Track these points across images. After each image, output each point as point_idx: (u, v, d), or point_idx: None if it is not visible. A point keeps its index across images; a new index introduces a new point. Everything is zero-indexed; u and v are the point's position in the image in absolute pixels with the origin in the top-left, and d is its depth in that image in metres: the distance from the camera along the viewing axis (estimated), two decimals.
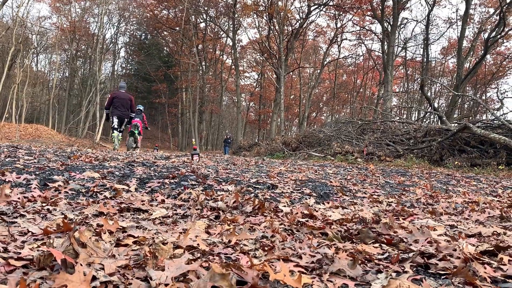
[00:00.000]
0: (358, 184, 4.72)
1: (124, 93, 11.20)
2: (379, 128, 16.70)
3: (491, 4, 28.05)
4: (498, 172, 9.47)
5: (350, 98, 44.38)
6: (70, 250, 1.23)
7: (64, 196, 2.64)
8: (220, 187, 3.58)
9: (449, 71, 37.81)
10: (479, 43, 26.87)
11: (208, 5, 35.30)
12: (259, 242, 1.78)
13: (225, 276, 1.09)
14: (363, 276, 1.38)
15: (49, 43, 41.48)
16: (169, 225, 2.06)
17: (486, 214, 2.90)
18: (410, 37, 35.99)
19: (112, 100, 11.04)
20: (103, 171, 3.92)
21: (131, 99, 11.16)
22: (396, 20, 25.54)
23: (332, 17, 33.64)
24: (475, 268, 1.47)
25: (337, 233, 1.93)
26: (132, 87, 47.64)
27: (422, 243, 1.81)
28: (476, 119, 16.81)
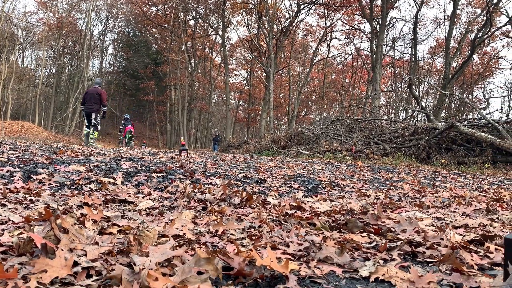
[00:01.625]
0: (346, 180, 4.73)
1: (94, 88, 11.14)
2: (367, 127, 16.80)
3: (478, 4, 28.36)
4: (484, 170, 9.58)
5: (339, 97, 44.55)
6: (51, 236, 1.20)
7: (48, 188, 2.59)
8: (208, 181, 3.55)
9: (437, 71, 38.19)
10: (466, 43, 27.17)
11: (197, 2, 35.11)
12: (246, 232, 1.76)
13: (211, 260, 1.07)
14: (351, 263, 1.37)
15: (35, 39, 40.91)
16: (155, 215, 2.03)
17: (473, 207, 2.91)
18: (398, 36, 36.20)
19: (84, 96, 11.04)
20: (89, 165, 3.86)
21: (100, 93, 11.01)
22: (385, 19, 25.71)
23: (321, 16, 33.74)
24: (462, 256, 1.47)
25: (325, 223, 1.92)
26: (120, 84, 47.26)
27: (410, 232, 1.81)
28: (462, 118, 17.00)
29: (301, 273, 1.23)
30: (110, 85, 47.31)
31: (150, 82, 42.76)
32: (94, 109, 10.77)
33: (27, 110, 43.73)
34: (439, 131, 11.83)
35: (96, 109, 10.84)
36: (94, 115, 10.76)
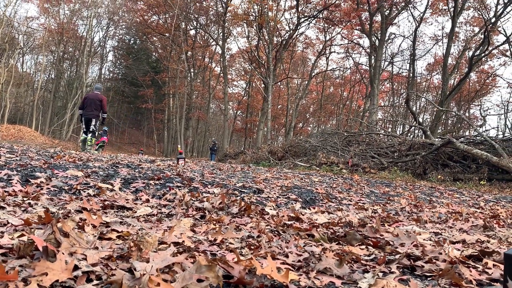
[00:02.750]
0: (343, 192, 4.73)
1: (95, 94, 11.03)
2: (364, 141, 16.85)
3: (476, 23, 28.70)
4: (479, 187, 9.61)
5: (336, 110, 44.73)
6: (52, 240, 1.19)
7: (47, 192, 2.58)
8: (206, 189, 3.55)
9: (434, 87, 38.46)
10: (464, 60, 27.43)
11: (198, 12, 35.38)
12: (245, 241, 1.75)
13: (212, 267, 1.07)
14: (350, 275, 1.37)
15: (35, 44, 40.98)
16: (154, 222, 2.03)
17: (470, 223, 2.92)
18: (397, 52, 36.65)
19: (83, 101, 10.96)
20: (87, 171, 3.86)
21: (101, 99, 10.93)
22: (384, 35, 25.96)
23: (321, 29, 34.02)
24: (460, 271, 1.47)
25: (324, 235, 1.92)
26: (119, 91, 47.34)
27: (408, 246, 1.81)
28: (459, 135, 17.08)
29: (301, 283, 1.23)
30: (108, 91, 47.36)
31: (149, 90, 42.85)
32: (94, 115, 10.66)
33: (25, 115, 43.65)
34: (436, 147, 11.88)
35: (97, 115, 10.73)
36: (94, 121, 10.65)
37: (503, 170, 10.24)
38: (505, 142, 12.05)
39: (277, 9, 30.55)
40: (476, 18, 28.43)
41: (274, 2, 30.45)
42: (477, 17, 27.82)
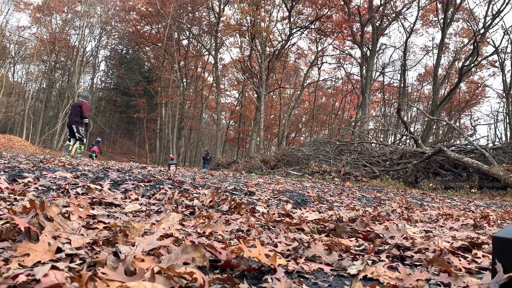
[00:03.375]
0: (335, 196, 4.73)
1: (78, 101, 11.20)
2: (356, 149, 16.91)
3: (466, 34, 29.10)
4: (470, 195, 9.65)
5: (328, 119, 44.90)
6: (36, 224, 1.17)
7: (34, 190, 2.54)
8: (197, 191, 3.52)
9: (425, 97, 38.82)
10: (454, 71, 27.76)
11: (191, 22, 35.53)
12: (234, 234, 1.74)
13: (198, 247, 1.05)
14: (339, 262, 1.35)
15: (27, 54, 40.81)
16: (143, 217, 2.00)
17: (460, 222, 2.92)
18: (388, 62, 36.85)
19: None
20: (76, 173, 3.81)
21: (80, 105, 11.03)
22: (375, 45, 26.21)
23: (313, 40, 34.29)
24: (450, 260, 1.47)
25: (314, 228, 1.91)
26: (111, 100, 47.17)
27: (398, 239, 1.81)
28: (450, 143, 17.21)
29: (289, 268, 1.22)
30: (100, 101, 47.20)
31: (141, 99, 42.73)
32: (74, 121, 10.78)
33: (15, 124, 43.29)
34: (427, 156, 11.94)
35: (77, 122, 10.82)
36: (75, 128, 10.77)
37: (493, 178, 10.31)
38: (495, 150, 12.17)
39: (269, 20, 30.79)
40: (465, 29, 28.85)
41: (266, 13, 30.71)
42: (466, 29, 28.23)
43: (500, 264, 1.13)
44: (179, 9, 33.41)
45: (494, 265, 1.15)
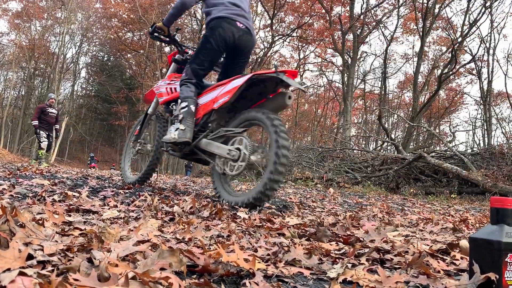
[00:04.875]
0: (317, 202, 4.74)
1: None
2: (338, 156, 17.02)
3: (444, 43, 29.74)
4: (450, 200, 9.79)
5: (311, 126, 45.20)
6: (6, 230, 1.13)
7: (9, 198, 2.48)
8: (178, 198, 3.48)
9: (405, 104, 39.42)
10: (433, 78, 28.30)
11: (173, 29, 35.39)
12: (214, 239, 1.72)
13: (174, 252, 1.03)
14: (319, 265, 1.35)
15: (5, 60, 40.09)
16: (121, 224, 1.96)
17: (440, 226, 2.96)
18: (369, 70, 37.41)
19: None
20: (54, 181, 3.74)
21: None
22: (356, 53, 26.58)
23: (295, 48, 34.60)
24: (429, 262, 1.48)
25: (294, 233, 1.90)
26: (92, 108, 46.59)
27: (379, 242, 1.81)
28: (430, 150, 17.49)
29: (268, 272, 1.20)
30: (81, 108, 46.58)
31: (123, 107, 42.30)
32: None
33: None
34: (408, 162, 12.09)
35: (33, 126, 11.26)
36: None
37: (472, 183, 10.48)
38: (473, 156, 12.39)
39: None
40: (444, 38, 29.49)
41: None
42: (444, 37, 28.86)
43: (477, 265, 1.14)
44: (161, 17, 33.29)
45: (471, 266, 1.16)
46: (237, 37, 3.43)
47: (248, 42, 3.55)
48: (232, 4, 3.49)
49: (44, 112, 11.21)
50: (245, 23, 3.51)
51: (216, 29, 3.41)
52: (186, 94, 3.49)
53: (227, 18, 3.41)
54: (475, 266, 1.14)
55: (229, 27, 3.40)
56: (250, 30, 3.56)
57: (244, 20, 3.50)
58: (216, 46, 3.45)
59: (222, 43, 3.43)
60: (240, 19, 3.47)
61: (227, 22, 3.40)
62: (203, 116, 3.51)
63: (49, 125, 11.33)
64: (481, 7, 20.45)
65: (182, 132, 3.38)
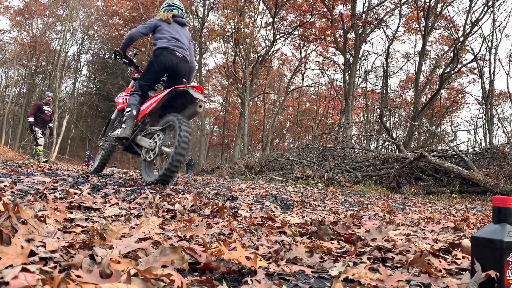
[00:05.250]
0: (318, 200, 4.74)
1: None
2: (339, 155, 17.01)
3: (446, 42, 29.69)
4: (451, 200, 9.79)
5: (312, 125, 45.15)
6: (8, 227, 1.13)
7: (10, 195, 2.48)
8: (179, 195, 3.48)
9: (407, 104, 39.38)
10: (435, 78, 28.25)
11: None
12: (215, 237, 1.72)
13: (176, 249, 1.03)
14: (320, 264, 1.35)
15: (7, 57, 40.10)
16: (122, 221, 1.96)
17: (441, 225, 2.95)
18: (370, 69, 37.33)
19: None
20: (55, 178, 3.74)
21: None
22: (358, 52, 26.54)
23: (296, 46, 34.54)
24: (430, 261, 1.47)
25: (296, 231, 1.90)
26: (93, 106, 46.58)
27: (380, 241, 1.81)
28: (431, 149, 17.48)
29: (269, 270, 1.21)
30: (82, 106, 46.60)
31: None
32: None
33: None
34: (409, 161, 12.08)
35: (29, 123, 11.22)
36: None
37: (473, 183, 10.47)
38: (475, 156, 12.37)
39: (253, 26, 30.92)
40: (445, 37, 29.44)
41: (250, 19, 30.85)
42: (446, 36, 28.81)
43: (478, 264, 1.14)
44: None
45: (473, 265, 1.16)
46: (175, 63, 4.45)
47: (184, 67, 4.56)
48: (173, 38, 4.50)
49: (40, 110, 11.23)
50: (183, 53, 4.53)
51: (159, 56, 4.43)
52: (131, 102, 4.53)
53: (168, 49, 4.42)
54: (477, 265, 1.14)
55: (169, 55, 4.42)
56: (187, 58, 4.58)
57: (182, 51, 4.52)
58: (158, 69, 4.50)
59: (163, 67, 4.47)
60: (178, 50, 4.49)
61: (168, 52, 4.42)
62: (141, 118, 4.51)
63: (44, 122, 11.37)
64: (483, 6, 20.41)
65: (124, 130, 4.38)
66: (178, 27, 4.71)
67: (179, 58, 4.47)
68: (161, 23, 4.64)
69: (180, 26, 4.77)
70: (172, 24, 4.68)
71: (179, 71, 4.52)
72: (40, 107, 11.27)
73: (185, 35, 4.74)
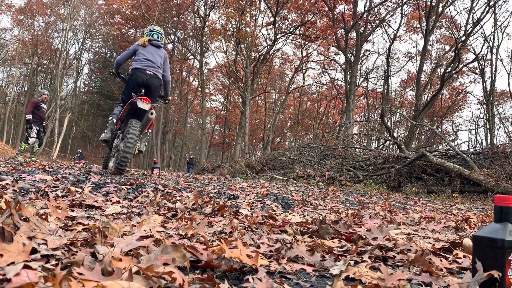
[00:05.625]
0: (319, 199, 4.74)
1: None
2: (340, 154, 17.00)
3: (447, 41, 29.64)
4: (452, 199, 9.78)
5: (313, 124, 45.14)
6: (10, 224, 1.14)
7: (12, 193, 2.48)
8: (180, 194, 3.49)
9: (408, 103, 39.32)
10: (436, 77, 28.21)
11: (176, 26, 35.42)
12: (217, 235, 1.72)
13: (178, 247, 1.03)
14: (321, 262, 1.35)
15: (8, 56, 40.12)
16: (124, 220, 1.97)
17: (442, 225, 2.95)
18: (371, 68, 37.23)
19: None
20: (57, 176, 3.74)
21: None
22: (359, 51, 26.52)
23: (298, 45, 34.50)
24: (431, 260, 1.47)
25: (297, 230, 1.90)
26: (94, 104, 46.63)
27: (381, 240, 1.81)
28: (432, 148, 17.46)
29: (271, 268, 1.21)
30: (83, 105, 46.63)
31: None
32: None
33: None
34: (410, 160, 12.07)
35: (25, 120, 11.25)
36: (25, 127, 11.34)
37: (474, 182, 10.47)
38: (476, 155, 12.36)
39: (254, 25, 30.92)
40: (447, 36, 29.38)
41: (251, 18, 30.82)
42: (448, 36, 28.75)
43: (480, 263, 1.14)
44: (164, 13, 33.29)
45: (474, 264, 1.16)
46: (145, 80, 5.38)
47: (154, 82, 5.46)
48: (145, 59, 5.46)
49: (37, 107, 11.26)
50: (153, 71, 5.46)
51: (132, 75, 5.44)
52: (114, 112, 5.70)
53: (139, 69, 5.40)
54: (478, 264, 1.14)
55: (140, 74, 5.38)
56: (157, 75, 5.51)
57: (152, 69, 5.46)
58: (132, 85, 5.43)
59: (135, 83, 5.38)
60: (149, 69, 5.43)
61: (139, 71, 5.39)
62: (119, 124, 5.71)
63: (41, 120, 11.42)
64: (485, 6, 20.37)
65: (105, 134, 5.47)
66: (153, 49, 5.64)
67: (149, 75, 5.40)
68: (138, 47, 5.63)
69: (156, 47, 5.70)
70: (148, 47, 5.63)
71: (150, 85, 5.42)
72: (38, 104, 11.30)
73: (159, 55, 5.65)
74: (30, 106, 11.24)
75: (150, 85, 5.42)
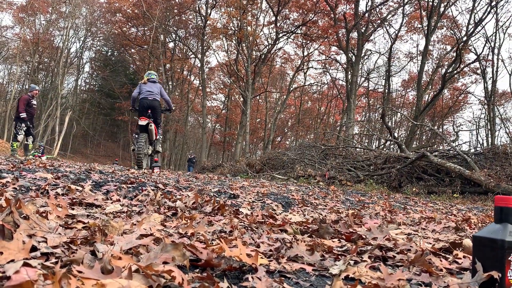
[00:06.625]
0: (319, 199, 4.74)
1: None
2: (341, 154, 16.99)
3: (449, 42, 29.61)
4: (453, 200, 9.77)
5: (314, 124, 45.13)
6: (10, 222, 1.14)
7: (12, 190, 2.48)
8: (180, 193, 3.49)
9: (409, 103, 39.28)
10: (437, 77, 28.18)
11: (177, 25, 35.42)
12: (216, 234, 1.72)
13: (178, 246, 1.03)
14: (321, 262, 1.35)
15: (9, 54, 40.13)
16: (123, 218, 1.97)
17: (442, 225, 2.95)
18: (373, 68, 37.16)
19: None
20: (57, 174, 3.75)
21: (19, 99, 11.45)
22: (360, 51, 26.50)
23: (299, 45, 34.48)
24: (431, 260, 1.47)
25: (297, 229, 1.90)
26: (95, 102, 46.66)
27: (381, 240, 1.81)
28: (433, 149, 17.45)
29: (270, 267, 1.21)
30: (84, 103, 46.68)
31: (126, 102, 42.23)
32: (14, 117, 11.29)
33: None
34: (411, 161, 12.07)
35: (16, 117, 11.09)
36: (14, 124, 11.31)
37: (475, 183, 10.45)
38: (476, 156, 12.35)
39: (256, 24, 30.90)
40: (448, 36, 29.36)
41: (253, 17, 30.82)
42: (449, 36, 28.72)
43: (480, 264, 1.14)
44: (166, 12, 33.31)
45: (474, 264, 1.16)
46: (149, 103, 8.05)
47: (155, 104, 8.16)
48: (147, 91, 8.12)
49: (29, 104, 10.78)
50: (153, 96, 8.13)
51: (140, 102, 8.06)
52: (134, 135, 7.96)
53: (144, 97, 8.07)
54: (478, 264, 1.14)
55: (145, 100, 8.04)
56: (157, 100, 8.23)
57: (153, 96, 8.13)
58: (141, 109, 8.03)
59: (143, 107, 8.02)
60: (150, 95, 8.09)
61: (144, 99, 8.05)
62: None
63: (32, 117, 11.03)
64: (487, 6, 20.34)
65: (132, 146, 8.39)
66: (151, 84, 8.29)
67: (150, 100, 8.08)
68: (142, 85, 8.34)
69: (153, 83, 8.34)
70: (148, 83, 8.27)
71: (153, 106, 8.11)
72: (29, 101, 10.82)
73: (156, 87, 8.32)
74: (22, 103, 10.66)
75: (153, 106, 8.10)
